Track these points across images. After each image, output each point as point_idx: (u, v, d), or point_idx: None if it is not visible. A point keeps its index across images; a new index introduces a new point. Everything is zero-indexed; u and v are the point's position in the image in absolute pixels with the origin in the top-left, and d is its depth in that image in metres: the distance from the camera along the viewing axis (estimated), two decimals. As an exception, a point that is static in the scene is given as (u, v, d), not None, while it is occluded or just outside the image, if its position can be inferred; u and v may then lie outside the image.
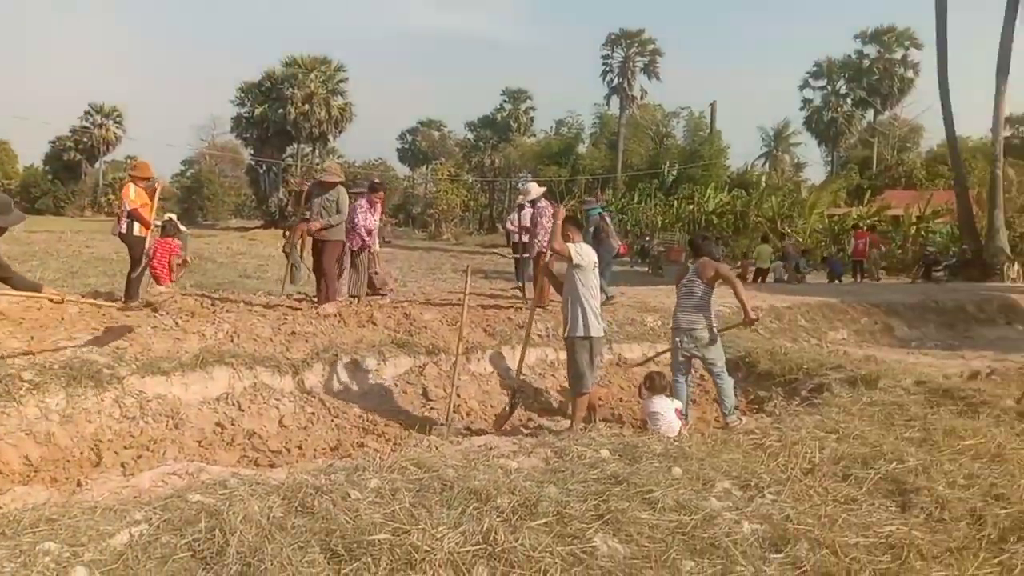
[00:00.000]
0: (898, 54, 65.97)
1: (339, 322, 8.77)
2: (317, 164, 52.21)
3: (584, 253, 7.05)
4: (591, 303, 7.02)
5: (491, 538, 3.76)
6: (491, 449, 5.66)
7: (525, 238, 11.65)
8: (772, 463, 5.30)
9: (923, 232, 35.05)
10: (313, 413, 7.41)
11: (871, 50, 66.65)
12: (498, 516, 4.05)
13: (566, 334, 7.17)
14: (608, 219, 11.81)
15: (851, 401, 7.33)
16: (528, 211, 11.49)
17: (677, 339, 7.58)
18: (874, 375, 8.26)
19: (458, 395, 7.96)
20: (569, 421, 7.44)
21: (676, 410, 7.09)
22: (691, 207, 42.54)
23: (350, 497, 4.17)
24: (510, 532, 3.83)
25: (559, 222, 7.14)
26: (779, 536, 4.03)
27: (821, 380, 8.46)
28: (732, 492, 4.67)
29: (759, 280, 23.49)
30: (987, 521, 4.39)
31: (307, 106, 52.76)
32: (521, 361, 7.71)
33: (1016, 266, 26.55)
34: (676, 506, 4.34)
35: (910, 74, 65.29)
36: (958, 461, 5.44)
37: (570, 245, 6.99)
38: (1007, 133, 50.97)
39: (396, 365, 8.22)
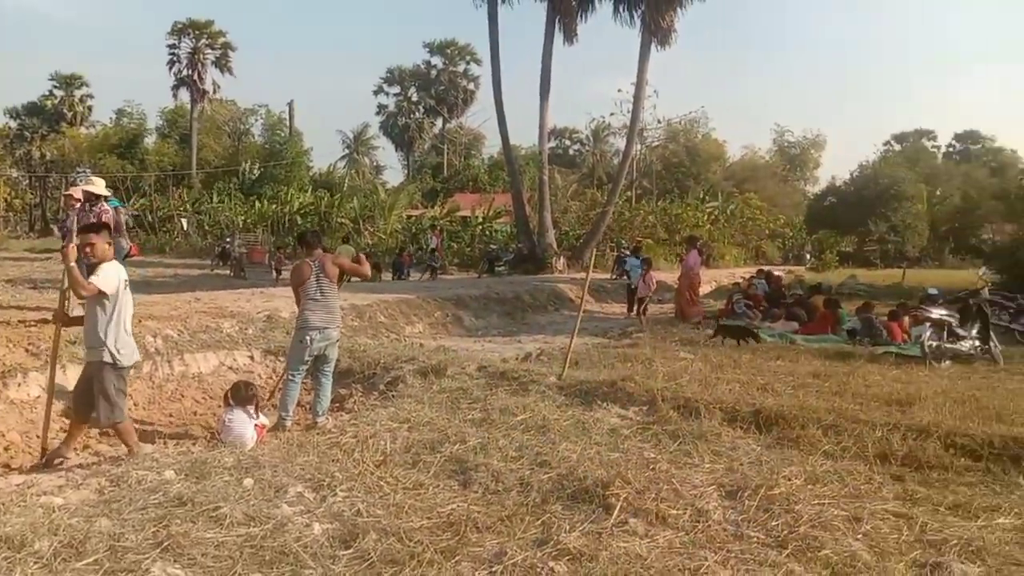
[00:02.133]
0: (461, 67, 71.99)
1: None
2: None
3: (110, 279, 5.95)
4: (123, 327, 6.04)
5: (24, 590, 3.26)
6: (31, 487, 4.92)
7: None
8: (347, 460, 5.38)
9: (487, 231, 38.74)
10: None
11: (438, 61, 71.82)
12: (35, 563, 3.54)
13: (89, 359, 6.14)
14: (123, 214, 10.73)
15: (423, 390, 7.79)
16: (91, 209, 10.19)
17: (307, 336, 7.32)
18: (443, 364, 8.85)
19: (-8, 427, 6.79)
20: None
21: (257, 425, 6.84)
22: (275, 207, 41.93)
23: None
24: (49, 579, 3.35)
25: (72, 264, 5.84)
26: (349, 532, 4.08)
27: (397, 373, 8.84)
28: (305, 495, 4.63)
29: (344, 279, 23.86)
30: (533, 487, 4.93)
31: None
32: (50, 387, 6.62)
33: (562, 259, 30.51)
34: (246, 519, 4.17)
35: (472, 87, 71.68)
36: (511, 436, 6.05)
37: (95, 278, 5.86)
38: (551, 144, 58.51)
39: (-96, 399, 6.74)
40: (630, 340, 12.57)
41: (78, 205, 9.71)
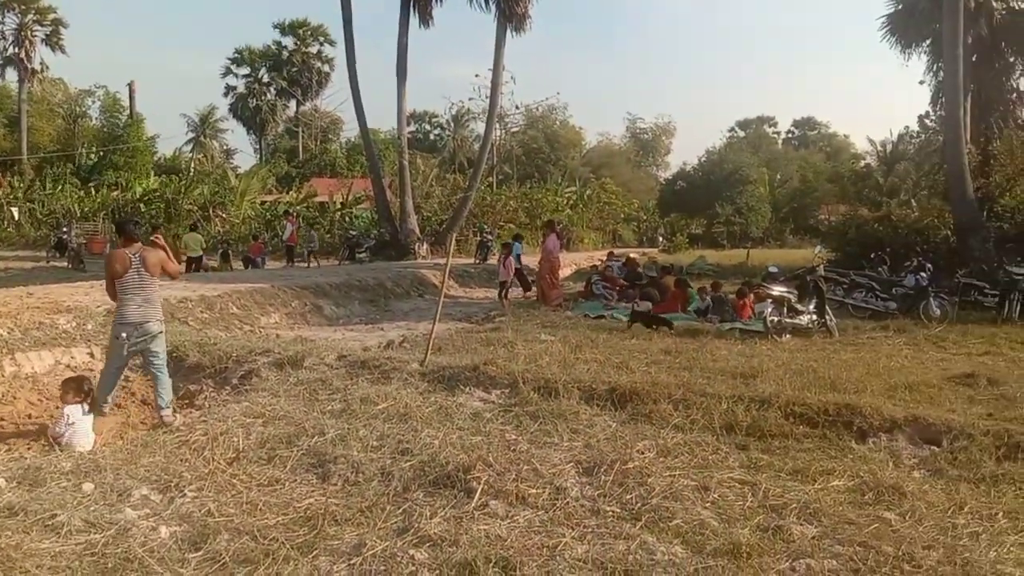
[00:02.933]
0: (314, 48, 69.81)
1: None
2: None
3: None
4: None
5: None
6: None
7: None
8: (197, 458, 5.15)
9: (347, 217, 37.99)
10: None
11: (289, 42, 69.38)
12: None
13: None
14: None
15: (278, 383, 7.54)
16: None
17: (123, 334, 6.91)
18: (301, 355, 8.57)
19: None
20: None
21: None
22: (116, 194, 39.47)
23: None
24: None
25: None
26: (199, 533, 3.92)
27: (251, 366, 8.49)
28: (150, 498, 4.40)
29: (192, 269, 22.84)
30: (394, 476, 4.88)
31: None
32: None
33: (425, 245, 30.33)
34: (85, 526, 3.93)
35: (326, 68, 69.71)
36: (372, 425, 5.97)
37: None
38: (411, 129, 58.02)
39: None
40: (493, 324, 12.66)
41: None
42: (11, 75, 51.82)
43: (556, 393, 6.89)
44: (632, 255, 22.59)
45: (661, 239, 53.23)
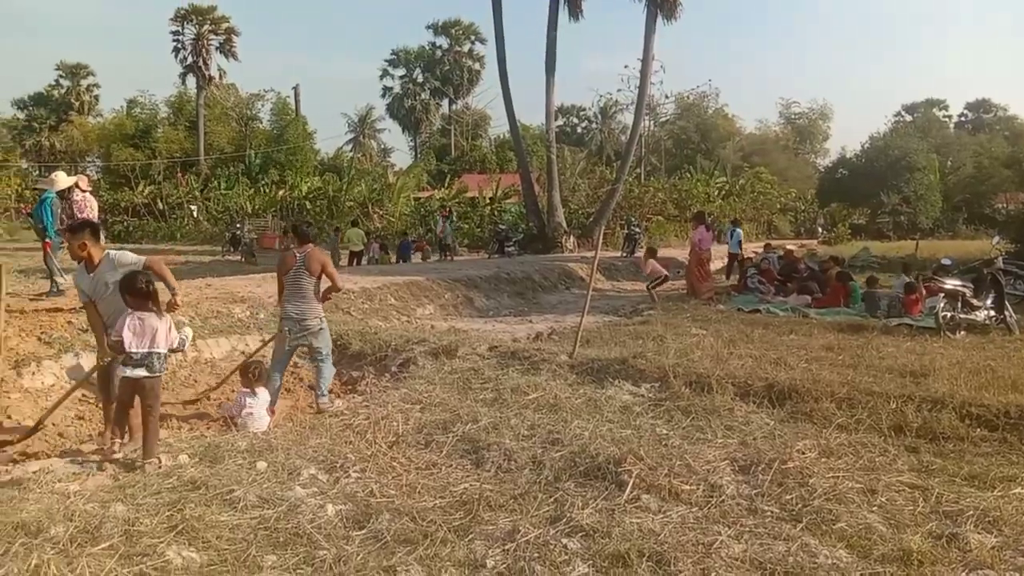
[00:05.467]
0: (466, 47, 71.49)
1: None
2: None
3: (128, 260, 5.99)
4: None
5: (41, 575, 3.29)
6: (48, 473, 4.95)
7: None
8: (360, 441, 5.41)
9: (496, 211, 38.62)
10: None
11: (443, 42, 71.37)
12: (52, 548, 3.57)
13: None
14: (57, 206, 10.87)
15: (434, 371, 7.79)
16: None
17: (286, 328, 7.42)
18: (454, 345, 8.83)
19: (8, 416, 6.85)
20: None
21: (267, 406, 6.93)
22: (283, 193, 41.95)
23: None
24: (66, 564, 3.40)
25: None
26: (362, 512, 4.11)
27: (408, 355, 8.82)
28: (318, 477, 4.65)
29: (354, 263, 23.92)
30: (545, 465, 4.93)
31: None
32: None
33: (572, 238, 30.38)
34: (259, 502, 4.20)
35: (477, 66, 71.21)
36: (523, 415, 6.05)
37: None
38: (559, 122, 58.22)
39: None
40: (641, 317, 12.52)
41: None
42: (190, 82, 56.13)
43: (709, 388, 6.73)
44: (790, 247, 21.65)
45: (820, 230, 50.66)
